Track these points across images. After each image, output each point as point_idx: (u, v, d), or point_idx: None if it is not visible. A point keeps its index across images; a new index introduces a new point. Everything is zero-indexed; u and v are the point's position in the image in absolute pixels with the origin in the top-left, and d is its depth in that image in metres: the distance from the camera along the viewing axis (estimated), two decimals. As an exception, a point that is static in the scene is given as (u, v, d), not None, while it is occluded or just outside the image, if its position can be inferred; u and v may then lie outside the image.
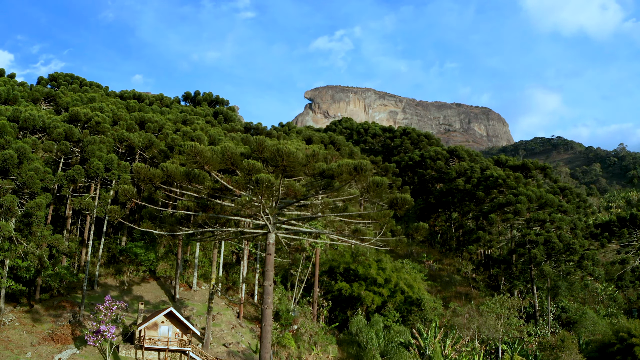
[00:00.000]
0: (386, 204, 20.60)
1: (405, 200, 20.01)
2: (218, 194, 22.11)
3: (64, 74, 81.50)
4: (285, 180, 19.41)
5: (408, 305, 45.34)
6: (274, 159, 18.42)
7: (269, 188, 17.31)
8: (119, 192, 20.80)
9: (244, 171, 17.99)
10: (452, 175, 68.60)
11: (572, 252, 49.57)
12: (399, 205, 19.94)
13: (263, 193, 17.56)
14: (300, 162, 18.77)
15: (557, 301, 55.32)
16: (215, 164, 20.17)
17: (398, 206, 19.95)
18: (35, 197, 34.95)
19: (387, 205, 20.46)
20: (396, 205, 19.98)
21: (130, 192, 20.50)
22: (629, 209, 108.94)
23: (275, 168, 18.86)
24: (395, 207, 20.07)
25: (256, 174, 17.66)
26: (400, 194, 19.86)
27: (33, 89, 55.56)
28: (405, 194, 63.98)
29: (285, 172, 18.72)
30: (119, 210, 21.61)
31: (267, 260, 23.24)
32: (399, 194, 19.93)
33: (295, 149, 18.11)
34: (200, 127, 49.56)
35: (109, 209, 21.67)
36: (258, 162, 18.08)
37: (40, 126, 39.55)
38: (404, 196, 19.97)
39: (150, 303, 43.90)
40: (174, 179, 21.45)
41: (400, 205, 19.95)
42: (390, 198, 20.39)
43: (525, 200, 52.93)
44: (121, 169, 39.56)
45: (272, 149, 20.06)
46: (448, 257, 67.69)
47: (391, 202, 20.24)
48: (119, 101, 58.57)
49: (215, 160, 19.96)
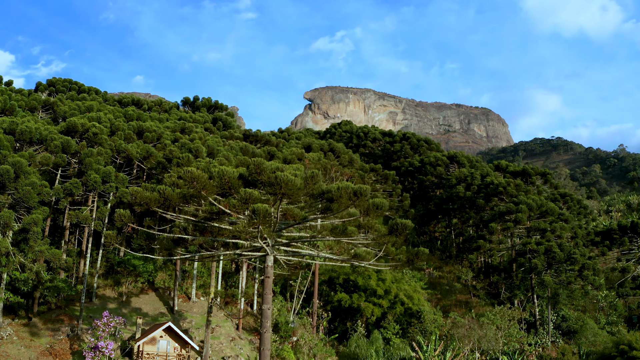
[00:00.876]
0: (387, 229, 20.30)
1: (405, 225, 19.73)
2: (215, 216, 21.81)
3: (62, 80, 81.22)
4: (284, 204, 19.09)
5: (408, 317, 45.08)
6: (272, 187, 18.12)
7: (267, 218, 17.00)
8: (115, 217, 20.49)
9: (241, 200, 17.69)
10: (452, 181, 68.32)
11: (573, 261, 49.31)
12: (399, 231, 19.66)
13: (260, 223, 17.26)
14: (299, 188, 18.47)
15: (557, 309, 55.10)
16: (212, 189, 19.88)
17: (398, 232, 19.67)
18: (32, 211, 34.64)
19: (388, 230, 20.17)
20: (396, 231, 19.71)
21: (126, 216, 20.18)
22: (629, 213, 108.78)
23: (273, 196, 18.56)
24: (396, 233, 19.78)
25: (253, 204, 17.34)
26: (400, 220, 19.58)
27: (30, 97, 55.22)
28: (405, 200, 63.61)
29: (283, 199, 18.41)
30: (115, 235, 21.28)
31: (265, 283, 22.94)
32: (400, 220, 19.65)
33: (293, 176, 17.80)
34: (198, 136, 49.25)
35: (105, 234, 21.37)
36: (255, 190, 17.76)
37: (37, 138, 39.24)
38: (404, 222, 19.68)
39: (149, 315, 43.61)
40: (171, 202, 21.10)
41: (401, 231, 19.66)
42: (390, 224, 20.10)
43: (525, 209, 52.66)
44: (119, 181, 39.26)
45: (270, 173, 19.77)
46: (448, 264, 67.44)
47: (391, 227, 19.96)
48: (117, 109, 58.26)
49: (212, 186, 19.67)
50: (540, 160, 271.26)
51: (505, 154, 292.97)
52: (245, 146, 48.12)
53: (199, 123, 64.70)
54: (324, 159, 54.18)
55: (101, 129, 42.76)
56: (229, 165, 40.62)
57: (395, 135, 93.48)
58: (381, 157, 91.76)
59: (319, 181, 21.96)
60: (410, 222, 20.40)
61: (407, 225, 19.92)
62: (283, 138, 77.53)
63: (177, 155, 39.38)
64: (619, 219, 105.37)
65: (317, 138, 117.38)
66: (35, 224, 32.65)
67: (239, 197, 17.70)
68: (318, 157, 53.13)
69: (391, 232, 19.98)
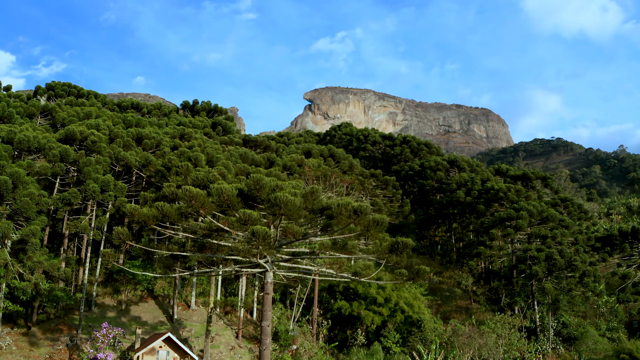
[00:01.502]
0: (387, 247, 20.12)
1: (406, 244, 19.56)
2: (215, 233, 21.62)
3: (62, 84, 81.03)
4: (283, 221, 18.91)
5: (408, 326, 44.92)
6: (271, 207, 17.94)
7: (266, 239, 16.82)
8: (113, 234, 20.31)
9: (240, 221, 17.50)
10: (452, 186, 68.13)
11: (574, 268, 49.15)
12: (399, 250, 19.48)
13: (260, 244, 17.07)
14: (299, 207, 18.29)
15: (557, 316, 54.95)
16: (211, 207, 19.69)
17: (399, 250, 19.49)
18: (30, 221, 34.46)
19: (388, 249, 19.99)
20: (397, 250, 19.53)
21: (124, 234, 20.00)
22: (629, 216, 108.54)
23: (273, 216, 18.38)
24: (396, 251, 19.60)
25: (252, 225, 17.16)
26: (401, 238, 19.38)
27: (29, 103, 55.02)
28: (405, 206, 63.40)
29: (283, 218, 18.23)
30: (113, 253, 21.12)
31: (265, 300, 22.75)
32: (400, 238, 19.46)
33: (292, 196, 17.61)
34: (197, 143, 49.04)
35: (103, 252, 21.20)
36: (254, 212, 17.57)
37: (35, 147, 39.05)
38: (405, 240, 19.52)
39: (148, 324, 43.44)
40: (169, 218, 20.91)
41: (401, 249, 19.48)
42: (390, 242, 19.92)
43: (526, 215, 52.50)
44: (117, 190, 39.06)
45: (269, 190, 19.61)
46: (449, 269, 67.26)
47: (392, 246, 19.79)
48: (116, 114, 58.07)
49: (211, 203, 19.48)
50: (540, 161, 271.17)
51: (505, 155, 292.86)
52: (245, 153, 47.94)
53: (199, 128, 64.50)
54: (323, 165, 53.98)
55: (100, 136, 42.55)
56: (229, 174, 40.42)
57: (396, 138, 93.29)
58: (381, 161, 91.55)
59: (318, 197, 21.78)
60: (411, 241, 20.22)
61: (408, 244, 19.75)
62: (283, 142, 77.31)
63: (176, 164, 39.19)
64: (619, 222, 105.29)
65: (317, 140, 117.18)
66: (33, 235, 32.47)
67: (237, 218, 17.52)
68: (318, 163, 52.94)
69: (392, 250, 19.80)
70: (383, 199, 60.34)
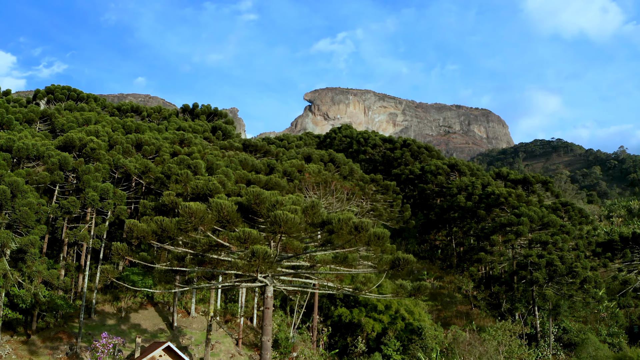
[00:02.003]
0: (388, 263, 19.98)
1: (407, 260, 19.41)
2: (214, 248, 21.47)
3: (61, 87, 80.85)
4: (283, 238, 18.76)
5: (409, 333, 44.77)
6: (272, 225, 17.78)
7: (266, 259, 16.67)
8: (111, 249, 20.15)
9: (240, 240, 17.35)
10: (453, 191, 67.99)
11: (575, 275, 49.00)
12: (400, 266, 19.34)
13: (260, 263, 16.92)
14: (299, 224, 18.14)
15: (558, 321, 54.81)
16: (211, 223, 19.54)
17: (400, 267, 19.35)
18: (29, 231, 34.32)
19: (389, 265, 19.85)
20: (398, 266, 19.38)
21: (123, 249, 19.86)
22: (630, 219, 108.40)
23: (273, 234, 18.23)
24: (397, 268, 19.46)
25: (252, 244, 17.00)
26: (402, 255, 19.24)
27: (28, 108, 54.85)
28: (406, 211, 63.21)
29: (283, 235, 18.08)
30: (112, 269, 21.01)
31: (265, 314, 22.60)
32: (402, 255, 19.31)
33: (293, 214, 17.46)
34: (197, 149, 48.88)
35: (102, 269, 21.05)
36: (254, 230, 17.42)
37: (34, 155, 38.90)
38: (406, 257, 19.37)
39: (148, 331, 43.28)
40: (169, 233, 20.76)
41: (403, 265, 19.34)
42: (391, 259, 19.78)
43: (527, 221, 52.36)
44: (117, 198, 38.90)
45: (269, 206, 19.47)
46: (449, 274, 67.12)
47: (393, 262, 19.65)
48: (115, 119, 57.89)
49: (211, 220, 19.33)
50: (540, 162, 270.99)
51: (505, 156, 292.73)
52: (245, 159, 47.78)
53: (199, 133, 64.35)
54: (324, 171, 53.81)
55: (99, 143, 42.40)
56: (229, 181, 40.24)
57: (396, 142, 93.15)
58: (382, 164, 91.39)
59: (318, 211, 21.63)
60: (412, 257, 20.09)
61: (410, 260, 19.62)
62: (283, 147, 77.13)
63: (175, 172, 39.03)
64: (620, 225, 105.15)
65: (317, 143, 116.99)
66: (32, 245, 32.33)
67: (237, 237, 17.37)
68: (318, 169, 52.76)
69: (393, 267, 19.67)
70: (383, 204, 60.21)
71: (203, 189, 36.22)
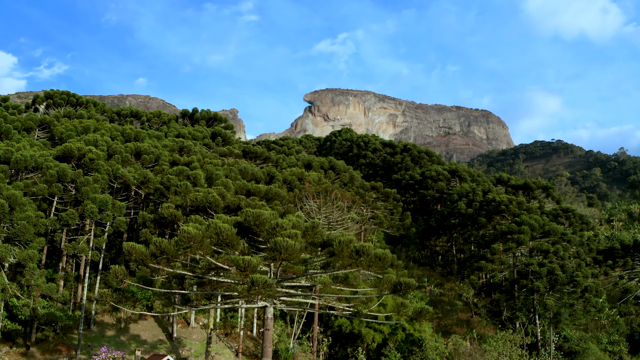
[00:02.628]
0: (389, 287, 19.77)
1: (409, 285, 19.20)
2: (213, 270, 21.25)
3: (60, 92, 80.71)
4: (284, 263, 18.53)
5: (409, 344, 44.55)
6: (272, 251, 17.56)
7: (266, 288, 16.45)
8: (109, 274, 19.93)
9: (239, 268, 17.13)
10: (454, 197, 67.77)
11: (576, 284, 48.79)
12: (402, 290, 19.13)
13: (260, 292, 16.71)
14: (300, 250, 17.93)
15: (559, 329, 54.63)
16: (209, 248, 19.33)
17: (402, 291, 19.14)
18: (28, 244, 34.10)
19: (391, 289, 19.63)
20: (400, 291, 19.17)
21: (122, 272, 19.64)
22: (630, 223, 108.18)
23: (273, 261, 18.01)
24: (399, 292, 19.24)
25: (252, 274, 16.78)
26: (404, 279, 19.02)
27: (27, 116, 54.63)
28: (406, 219, 62.94)
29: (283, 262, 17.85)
30: (111, 293, 20.80)
31: (265, 336, 22.38)
32: (403, 279, 19.09)
33: (293, 241, 17.24)
34: (197, 158, 48.67)
35: (100, 293, 20.85)
36: (254, 257, 17.19)
37: (32, 166, 38.68)
38: (408, 281, 19.16)
39: (148, 342, 43.07)
40: (168, 255, 20.54)
41: (404, 290, 19.14)
42: (393, 282, 19.56)
43: (528, 230, 52.15)
44: (116, 209, 38.67)
45: (269, 229, 19.27)
46: (449, 280, 66.90)
47: (394, 286, 19.44)
48: (114, 127, 57.64)
49: (209, 245, 19.12)
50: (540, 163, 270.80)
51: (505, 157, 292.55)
52: (245, 168, 47.55)
53: (198, 139, 64.12)
54: (324, 179, 53.60)
55: (98, 153, 42.17)
56: (228, 192, 40.00)
57: (396, 146, 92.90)
58: (382, 168, 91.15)
59: (319, 231, 21.43)
60: (414, 281, 19.87)
61: (411, 285, 19.40)
62: (283, 152, 76.91)
63: (175, 184, 38.80)
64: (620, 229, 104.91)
65: (318, 146, 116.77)
66: (31, 260, 32.10)
67: (237, 264, 17.15)
68: (318, 177, 52.54)
69: (395, 291, 19.45)
70: (384, 212, 59.99)
71: (202, 202, 36.02)
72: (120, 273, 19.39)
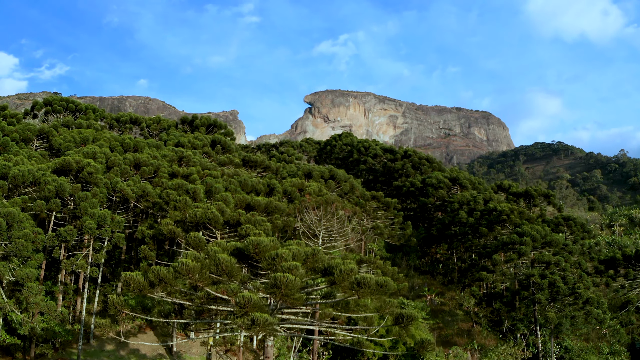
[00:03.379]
0: (391, 320, 19.50)
1: (411, 317, 18.94)
2: (213, 300, 20.99)
3: (59, 99, 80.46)
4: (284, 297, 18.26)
5: (410, 359, 44.30)
6: (271, 287, 17.29)
7: (267, 327, 16.18)
8: (108, 303, 19.67)
9: (239, 305, 16.85)
10: (454, 205, 67.50)
11: (577, 296, 48.53)
12: (404, 323, 18.88)
13: (260, 330, 16.45)
14: (299, 286, 17.65)
15: (560, 340, 54.41)
16: (208, 280, 19.06)
17: (404, 324, 18.89)
18: (26, 262, 33.85)
19: (392, 322, 19.37)
20: (401, 323, 18.93)
21: (120, 302, 19.37)
22: (631, 228, 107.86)
23: (273, 295, 17.74)
24: (401, 324, 18.99)
25: (253, 312, 16.51)
26: (406, 311, 18.78)
27: (25, 127, 54.33)
28: (407, 229, 62.64)
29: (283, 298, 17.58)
30: (109, 323, 20.58)
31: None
32: (405, 311, 18.85)
33: (293, 277, 16.97)
34: (196, 170, 48.41)
35: (98, 323, 20.55)
36: (254, 295, 16.92)
37: (30, 181, 38.41)
38: (409, 314, 18.91)
39: (147, 357, 42.82)
40: (166, 283, 20.25)
41: (406, 322, 18.89)
42: (395, 315, 19.31)
43: (529, 241, 51.90)
44: (114, 225, 38.40)
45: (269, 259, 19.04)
46: (450, 289, 66.66)
47: (396, 318, 19.20)
48: (113, 136, 57.37)
49: (209, 278, 18.85)
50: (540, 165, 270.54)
51: (505, 159, 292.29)
52: (245, 180, 47.30)
53: (198, 148, 63.88)
54: (324, 190, 53.32)
55: (96, 167, 41.90)
56: (228, 207, 39.72)
57: (397, 152, 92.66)
58: (383, 174, 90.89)
59: (319, 258, 21.18)
60: (416, 313, 19.62)
61: (413, 317, 19.15)
62: (283, 160, 76.64)
63: (174, 198, 38.54)
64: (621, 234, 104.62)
65: (318, 150, 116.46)
66: (29, 278, 31.84)
67: (236, 302, 16.88)
68: (319, 188, 52.25)
69: (396, 323, 19.20)
70: (385, 221, 59.75)
71: (202, 218, 35.78)
72: (119, 303, 19.12)
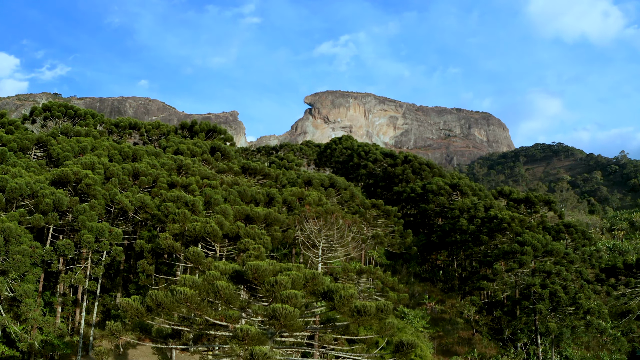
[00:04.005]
0: (392, 348, 19.26)
1: (411, 345, 18.70)
2: (211, 326, 20.75)
3: (58, 105, 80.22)
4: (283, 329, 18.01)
5: (411, 371, 44.07)
6: (270, 318, 17.04)
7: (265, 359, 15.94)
8: (105, 328, 19.42)
9: (237, 338, 16.62)
10: (455, 212, 67.29)
11: (578, 306, 48.31)
12: (405, 352, 18.63)
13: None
14: (298, 316, 17.40)
15: (561, 349, 54.22)
16: (207, 309, 18.81)
17: (404, 352, 18.65)
18: (24, 276, 33.64)
19: (393, 350, 19.14)
20: (402, 351, 18.68)
21: (117, 329, 19.15)
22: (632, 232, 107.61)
23: (272, 327, 17.49)
24: (401, 353, 18.76)
25: (251, 345, 16.27)
26: (406, 339, 18.54)
27: (23, 136, 54.09)
28: (407, 237, 62.41)
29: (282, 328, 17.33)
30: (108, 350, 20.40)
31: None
32: (406, 339, 18.62)
33: (292, 308, 16.73)
34: (195, 180, 48.19)
35: (97, 352, 20.33)
36: (253, 328, 16.68)
37: (28, 194, 38.18)
38: (410, 341, 18.67)
39: (145, 369, 42.67)
40: (164, 308, 20.01)
41: (407, 351, 18.64)
42: (395, 343, 19.07)
43: (530, 251, 51.67)
44: (113, 237, 38.16)
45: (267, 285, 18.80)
46: (451, 297, 66.45)
47: (397, 347, 18.95)
48: (112, 145, 57.12)
49: (207, 307, 18.60)
50: (541, 166, 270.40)
51: (506, 160, 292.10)
52: (244, 191, 47.07)
53: (197, 155, 63.65)
54: (324, 199, 53.11)
55: (94, 179, 41.66)
56: (227, 220, 39.50)
57: (397, 157, 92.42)
58: (382, 179, 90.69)
59: (319, 282, 20.96)
60: (416, 340, 19.38)
61: (414, 344, 18.92)
62: (283, 166, 76.44)
63: (172, 211, 38.31)
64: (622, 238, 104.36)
65: (318, 153, 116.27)
66: (27, 295, 31.62)
67: (235, 334, 16.64)
68: (319, 197, 52.03)
69: (397, 351, 18.96)
70: (385, 229, 59.54)
71: (201, 232, 35.62)
72: (116, 330, 18.91)
